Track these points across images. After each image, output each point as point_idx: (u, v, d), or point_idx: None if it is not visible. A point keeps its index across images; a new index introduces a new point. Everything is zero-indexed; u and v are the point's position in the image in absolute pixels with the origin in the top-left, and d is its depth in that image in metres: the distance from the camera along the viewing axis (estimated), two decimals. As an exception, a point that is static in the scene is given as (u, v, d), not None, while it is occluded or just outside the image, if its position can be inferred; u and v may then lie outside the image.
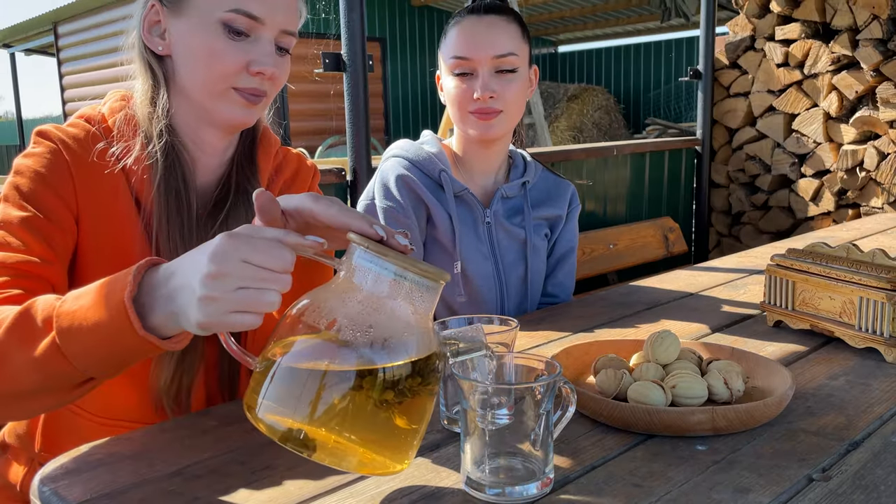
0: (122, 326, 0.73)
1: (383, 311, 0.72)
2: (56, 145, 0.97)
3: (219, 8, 0.95)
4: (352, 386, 0.68)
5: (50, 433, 1.03)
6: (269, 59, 0.98)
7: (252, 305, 0.70)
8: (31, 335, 0.77)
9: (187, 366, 1.01)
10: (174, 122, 1.02)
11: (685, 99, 10.30)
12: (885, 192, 3.32)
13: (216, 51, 0.96)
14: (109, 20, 8.82)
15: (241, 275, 0.69)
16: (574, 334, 1.28)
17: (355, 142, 2.16)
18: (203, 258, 0.70)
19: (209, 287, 0.69)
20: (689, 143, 3.75)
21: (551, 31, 11.76)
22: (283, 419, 0.69)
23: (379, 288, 0.72)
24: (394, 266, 0.71)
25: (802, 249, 1.26)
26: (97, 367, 0.78)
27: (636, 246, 3.15)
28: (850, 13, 3.30)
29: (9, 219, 0.92)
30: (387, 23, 9.96)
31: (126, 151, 0.99)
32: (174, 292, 0.73)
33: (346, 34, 2.08)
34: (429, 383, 0.72)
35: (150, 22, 1.00)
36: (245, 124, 1.04)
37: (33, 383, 0.78)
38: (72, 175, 0.96)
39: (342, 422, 0.68)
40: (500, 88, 1.40)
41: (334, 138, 6.67)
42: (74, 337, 0.75)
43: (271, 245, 0.71)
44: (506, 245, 1.50)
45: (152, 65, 1.01)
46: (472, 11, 1.42)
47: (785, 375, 0.93)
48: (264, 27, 0.98)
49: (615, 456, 0.81)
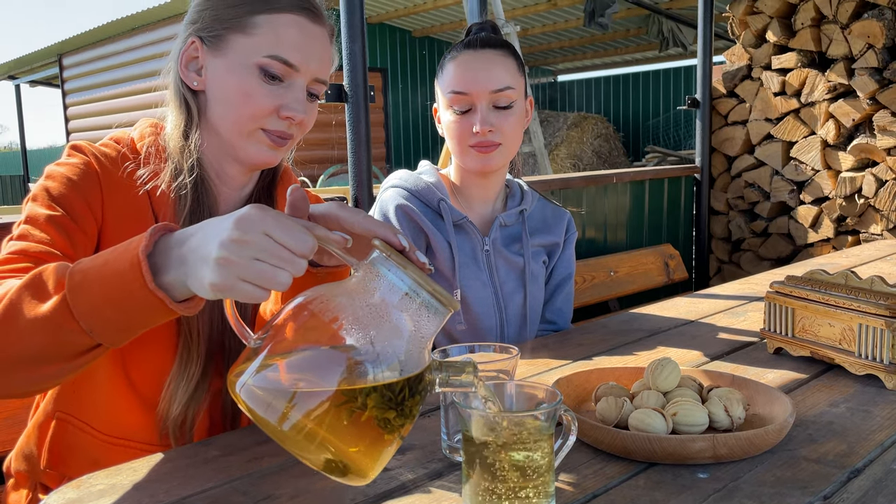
0: (133, 279, 0.74)
1: (387, 321, 0.72)
2: (89, 158, 1.00)
3: (257, 52, 0.99)
4: (334, 392, 0.69)
5: (56, 450, 1.04)
6: (300, 105, 1.02)
7: (263, 279, 0.71)
8: (42, 293, 0.77)
9: (197, 395, 1.02)
10: (201, 156, 1.05)
11: (684, 127, 10.38)
12: (884, 219, 3.33)
13: (250, 92, 0.99)
14: (114, 52, 8.92)
15: (260, 245, 0.70)
16: (574, 362, 1.28)
17: (357, 171, 2.17)
18: (227, 222, 0.72)
19: (228, 249, 0.70)
20: (688, 170, 3.78)
21: (551, 61, 11.88)
22: (262, 408, 0.70)
23: (390, 297, 0.73)
24: (410, 280, 0.73)
25: (801, 276, 1.27)
26: (104, 327, 0.76)
27: (637, 273, 3.16)
28: (845, 42, 3.34)
29: (35, 215, 0.94)
30: (388, 53, 10.08)
31: (153, 175, 1.02)
32: (189, 252, 0.74)
33: (347, 65, 2.11)
34: (412, 403, 0.73)
35: (188, 57, 1.03)
36: (269, 164, 1.06)
37: (39, 345, 0.77)
38: (101, 188, 0.99)
39: (318, 425, 0.69)
40: (499, 122, 1.41)
41: (336, 167, 6.71)
42: (85, 293, 0.75)
43: (296, 227, 0.72)
44: (504, 273, 1.51)
45: (187, 98, 1.04)
46: (468, 46, 1.44)
47: (785, 403, 0.93)
48: (298, 74, 1.01)
49: (617, 484, 0.81)
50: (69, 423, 1.03)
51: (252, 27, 0.99)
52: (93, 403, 1.03)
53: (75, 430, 1.03)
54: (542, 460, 0.72)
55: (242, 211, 0.72)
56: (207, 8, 1.02)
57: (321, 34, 1.04)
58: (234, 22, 1.00)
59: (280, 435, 0.69)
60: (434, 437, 0.95)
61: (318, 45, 1.03)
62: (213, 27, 1.01)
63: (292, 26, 1.00)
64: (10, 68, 11.64)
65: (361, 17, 2.11)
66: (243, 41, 1.00)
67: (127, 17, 8.27)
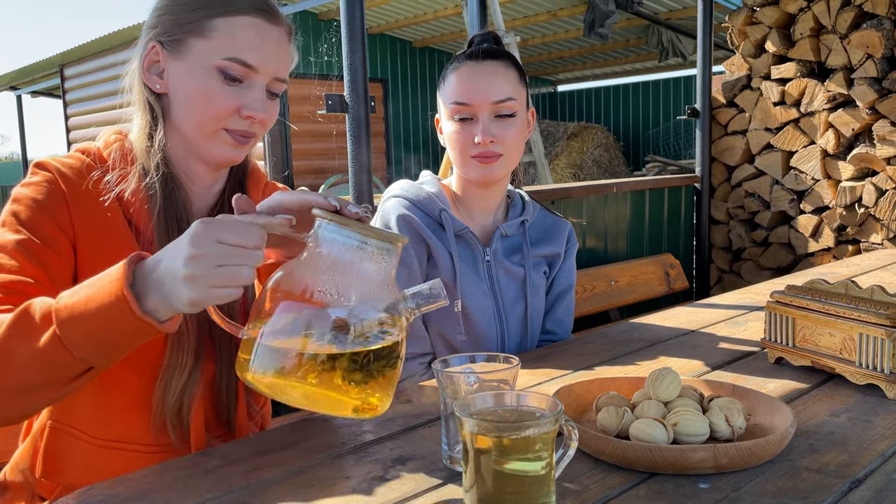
0: (122, 310, 0.81)
1: (351, 273, 0.82)
2: (53, 174, 1.02)
3: (216, 55, 1.02)
4: (328, 340, 0.80)
5: (50, 458, 1.04)
6: (260, 104, 1.05)
7: (231, 280, 0.80)
8: (31, 330, 0.83)
9: (191, 383, 1.05)
10: (168, 155, 1.08)
11: (684, 136, 10.39)
12: (884, 229, 3.33)
13: (211, 94, 1.02)
14: (115, 63, 8.94)
15: (217, 253, 0.79)
16: (575, 372, 1.28)
17: (357, 180, 2.18)
18: (183, 242, 0.80)
19: (191, 266, 0.78)
20: (688, 180, 3.78)
21: (550, 71, 11.91)
22: (270, 376, 0.81)
23: (344, 254, 0.82)
24: (356, 234, 0.82)
25: (801, 286, 1.27)
26: (96, 354, 0.83)
27: (637, 282, 3.15)
28: (844, 53, 3.36)
29: (4, 242, 0.96)
30: (388, 64, 10.11)
31: (121, 179, 1.04)
32: (163, 277, 0.81)
33: (348, 76, 2.12)
34: (399, 325, 0.84)
35: (149, 61, 1.06)
36: (233, 162, 1.10)
37: (35, 376, 0.84)
38: (68, 203, 1.01)
39: (320, 373, 0.80)
40: (500, 133, 1.42)
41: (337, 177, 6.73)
42: (75, 326, 0.82)
43: (241, 225, 0.81)
44: (505, 283, 1.51)
45: (150, 101, 1.07)
46: (470, 57, 1.45)
47: (786, 412, 0.93)
48: (258, 74, 1.04)
49: (618, 494, 0.81)
50: (61, 430, 1.04)
51: (210, 30, 1.02)
52: (84, 409, 1.04)
53: (68, 437, 1.04)
54: (543, 471, 0.72)
55: (192, 229, 0.80)
56: (167, 13, 1.05)
57: (279, 34, 1.06)
58: (192, 26, 1.03)
59: (304, 392, 0.81)
60: (435, 447, 0.95)
61: (275, 46, 1.05)
62: (172, 31, 1.04)
63: (249, 28, 1.03)
64: (12, 79, 11.68)
65: (362, 27, 2.12)
66: (202, 44, 1.02)
67: (127, 28, 8.30)
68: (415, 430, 1.02)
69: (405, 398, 1.16)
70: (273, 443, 0.98)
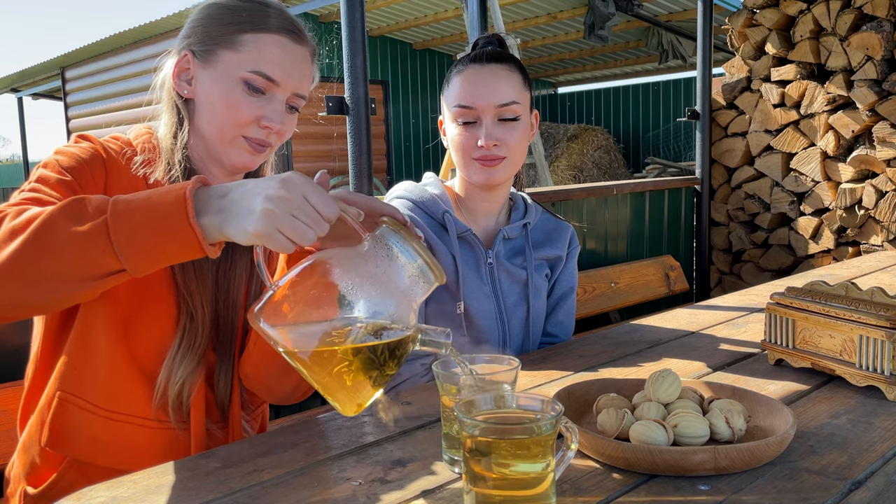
0: (176, 212, 0.83)
1: (390, 279, 0.88)
2: (95, 145, 1.09)
3: (242, 67, 1.08)
4: (364, 333, 0.85)
5: (55, 428, 1.07)
6: (279, 116, 1.11)
7: (295, 233, 0.83)
8: (81, 215, 0.85)
9: (195, 370, 1.09)
10: (189, 156, 1.14)
11: (684, 138, 10.39)
12: (884, 230, 3.33)
13: (234, 103, 1.09)
14: (116, 65, 8.96)
15: (299, 205, 0.83)
16: (576, 373, 1.28)
17: (358, 182, 2.18)
18: (274, 181, 0.83)
19: (273, 203, 0.82)
20: (688, 182, 3.78)
21: (551, 73, 11.93)
22: (280, 340, 0.86)
23: (394, 262, 0.88)
24: (412, 249, 0.88)
25: (802, 288, 1.27)
26: (134, 252, 0.84)
27: (638, 284, 3.16)
28: (844, 55, 3.36)
29: (46, 177, 1.01)
30: (389, 66, 10.12)
31: (147, 164, 1.11)
32: (231, 203, 0.85)
33: (349, 78, 2.12)
34: (407, 350, 0.88)
35: (180, 68, 1.13)
36: (249, 168, 1.16)
37: (67, 261, 0.84)
38: (106, 171, 1.07)
39: (351, 360, 0.85)
40: (504, 136, 1.42)
41: (337, 179, 6.73)
42: (127, 219, 0.84)
43: (326, 196, 0.85)
44: (508, 285, 1.51)
45: (178, 104, 1.14)
46: (474, 60, 1.45)
47: (786, 414, 0.93)
48: (279, 88, 1.10)
49: (618, 496, 0.81)
50: (69, 401, 1.07)
51: (240, 44, 1.09)
52: (94, 379, 1.07)
53: (75, 408, 1.07)
54: (543, 472, 0.72)
55: (287, 174, 0.84)
56: (201, 25, 1.12)
57: (302, 53, 1.13)
58: (223, 38, 1.10)
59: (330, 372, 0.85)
60: (435, 448, 0.95)
61: (298, 64, 1.12)
62: (204, 42, 1.11)
63: (276, 45, 1.10)
64: (13, 81, 11.70)
65: (362, 30, 2.13)
66: (231, 56, 1.09)
67: (128, 31, 8.31)
68: (415, 432, 1.02)
69: (405, 399, 1.16)
70: (273, 444, 0.98)
